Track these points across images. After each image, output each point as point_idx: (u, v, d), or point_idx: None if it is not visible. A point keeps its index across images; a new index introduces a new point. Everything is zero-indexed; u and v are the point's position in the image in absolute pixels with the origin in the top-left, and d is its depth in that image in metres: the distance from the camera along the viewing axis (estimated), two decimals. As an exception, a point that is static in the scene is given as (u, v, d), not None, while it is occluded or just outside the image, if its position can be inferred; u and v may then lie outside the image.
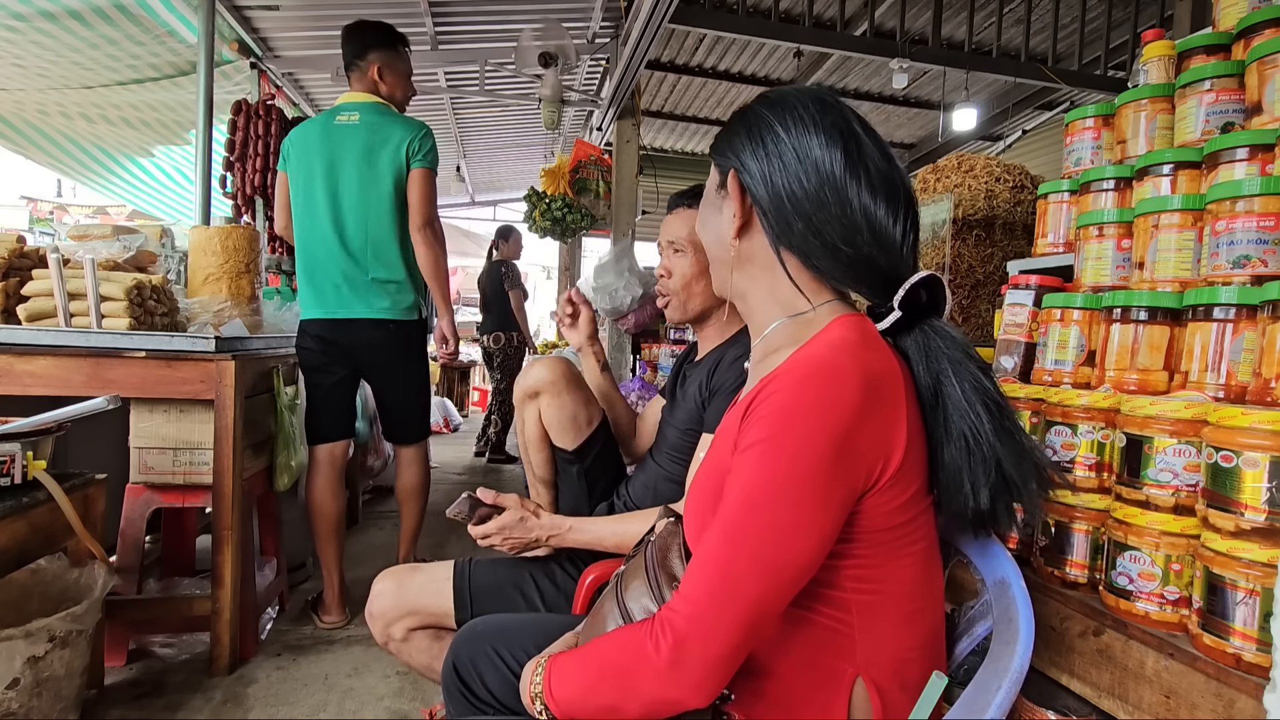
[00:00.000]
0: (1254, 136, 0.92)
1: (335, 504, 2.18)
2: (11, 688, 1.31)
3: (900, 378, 0.72)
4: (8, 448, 1.46)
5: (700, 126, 6.91)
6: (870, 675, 0.72)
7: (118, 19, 2.96)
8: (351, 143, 2.11)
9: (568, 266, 7.52)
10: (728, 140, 0.82)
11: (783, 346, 0.79)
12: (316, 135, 2.14)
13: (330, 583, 2.18)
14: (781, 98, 0.80)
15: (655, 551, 0.83)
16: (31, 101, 3.71)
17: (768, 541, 0.65)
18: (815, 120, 0.76)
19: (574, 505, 1.46)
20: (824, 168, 0.75)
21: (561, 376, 1.41)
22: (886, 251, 0.75)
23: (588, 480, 1.45)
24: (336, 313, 2.14)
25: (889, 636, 0.73)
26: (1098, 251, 1.09)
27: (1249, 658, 0.71)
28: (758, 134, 0.79)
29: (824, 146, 0.75)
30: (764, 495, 0.66)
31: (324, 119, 2.18)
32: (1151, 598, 0.82)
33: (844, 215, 0.74)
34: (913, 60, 3.98)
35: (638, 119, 4.17)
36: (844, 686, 0.72)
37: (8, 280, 1.84)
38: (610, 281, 3.30)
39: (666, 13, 2.76)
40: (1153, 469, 0.83)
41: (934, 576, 0.78)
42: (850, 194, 0.74)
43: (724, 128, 0.85)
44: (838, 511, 0.67)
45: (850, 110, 0.79)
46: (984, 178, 3.31)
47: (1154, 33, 1.24)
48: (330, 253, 2.13)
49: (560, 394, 1.41)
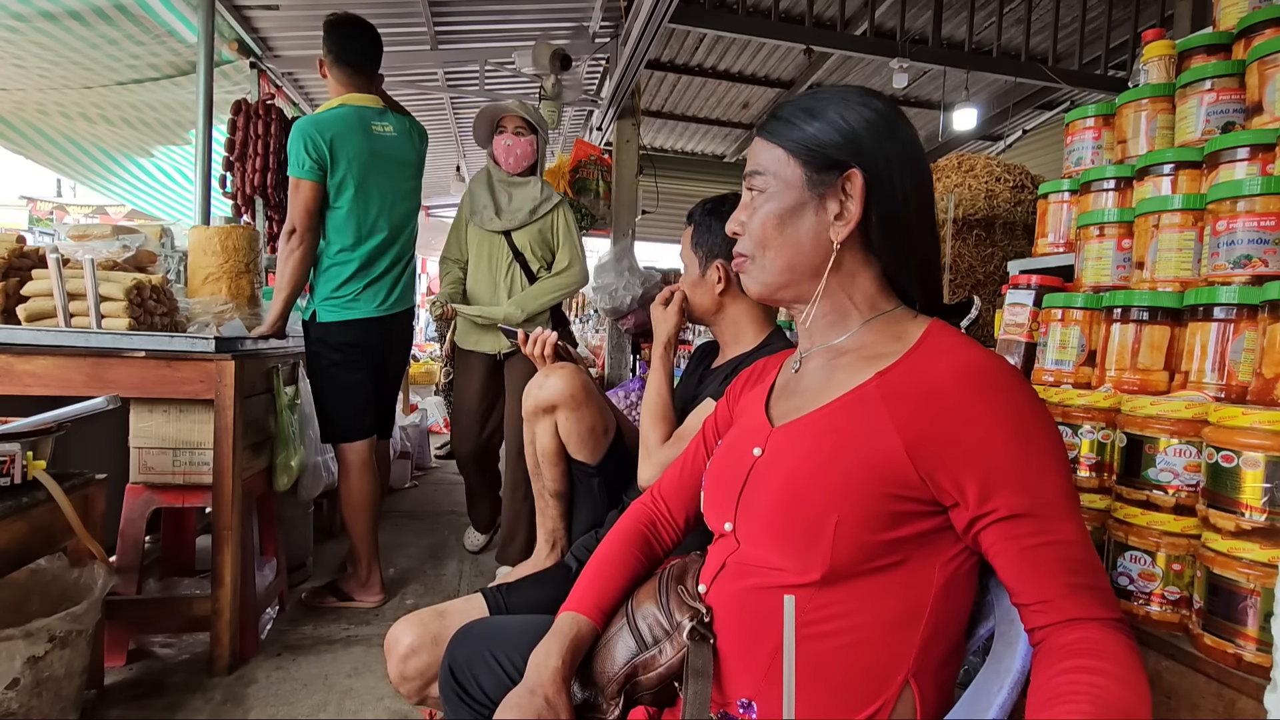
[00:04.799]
0: (1254, 136, 0.92)
1: (376, 491, 2.34)
2: (11, 688, 1.31)
3: None
4: (8, 448, 1.46)
5: (700, 126, 6.91)
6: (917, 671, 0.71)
7: (118, 19, 2.96)
8: (393, 152, 2.27)
9: (568, 266, 7.52)
10: (833, 132, 0.77)
11: (874, 345, 0.78)
12: (363, 143, 2.18)
13: (370, 564, 2.32)
14: (878, 95, 0.80)
15: (672, 570, 0.83)
16: (31, 101, 3.71)
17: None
18: (914, 135, 0.80)
19: (591, 516, 1.43)
20: (929, 185, 0.80)
21: (581, 389, 1.36)
22: (937, 266, 0.83)
23: (608, 491, 1.42)
24: (395, 308, 2.33)
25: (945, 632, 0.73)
26: (1098, 251, 1.09)
27: (1250, 658, 0.71)
28: (880, 133, 0.77)
29: (927, 163, 0.80)
30: (1071, 488, 0.68)
31: (360, 124, 2.18)
32: (1152, 598, 0.82)
33: (930, 233, 0.81)
34: (913, 60, 3.98)
35: (638, 119, 4.17)
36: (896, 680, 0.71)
37: (7, 280, 1.84)
38: (610, 281, 3.29)
39: (666, 13, 2.76)
40: (1153, 469, 0.83)
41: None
42: (934, 212, 0.81)
43: (807, 114, 0.79)
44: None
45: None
46: (984, 178, 3.31)
47: (1154, 33, 1.24)
48: (394, 254, 2.32)
49: (579, 407, 1.36)
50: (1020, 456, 0.66)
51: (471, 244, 2.64)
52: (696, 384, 1.45)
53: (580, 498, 1.46)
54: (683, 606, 0.79)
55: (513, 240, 2.58)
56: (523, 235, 2.58)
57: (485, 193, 2.60)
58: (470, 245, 2.65)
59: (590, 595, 0.89)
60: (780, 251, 0.80)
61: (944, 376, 0.70)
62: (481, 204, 2.59)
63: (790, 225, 0.79)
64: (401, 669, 1.04)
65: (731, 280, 1.34)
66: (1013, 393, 0.68)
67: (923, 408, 0.70)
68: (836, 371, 0.79)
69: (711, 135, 7.19)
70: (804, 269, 0.80)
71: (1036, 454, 0.66)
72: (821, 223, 0.78)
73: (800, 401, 0.82)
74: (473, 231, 2.63)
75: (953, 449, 0.67)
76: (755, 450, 0.82)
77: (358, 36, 2.22)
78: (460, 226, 2.68)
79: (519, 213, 2.58)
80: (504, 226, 2.57)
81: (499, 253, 2.60)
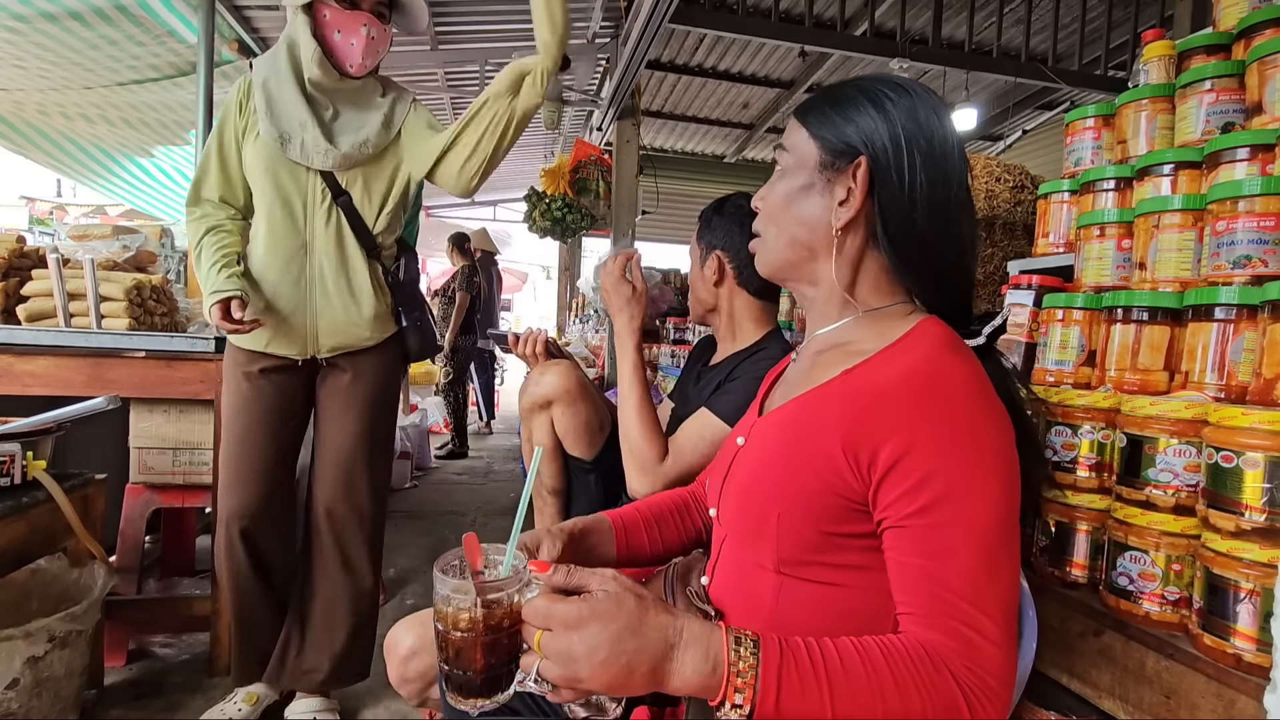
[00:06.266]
0: (1254, 136, 0.92)
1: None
2: (11, 688, 1.31)
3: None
4: (8, 448, 1.46)
5: (700, 126, 6.91)
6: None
7: (118, 19, 2.96)
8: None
9: (568, 266, 7.53)
10: (851, 119, 0.76)
11: (860, 340, 0.77)
12: None
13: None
14: (915, 93, 0.76)
15: (677, 569, 0.84)
16: (31, 102, 3.71)
17: (1016, 546, 0.65)
18: (954, 136, 0.75)
19: (588, 513, 1.42)
20: (955, 188, 0.74)
21: (576, 384, 1.37)
22: (967, 276, 0.78)
23: (605, 487, 1.42)
24: None
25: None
26: (1098, 251, 1.09)
27: (1249, 658, 0.71)
28: (896, 125, 0.74)
29: (958, 167, 0.75)
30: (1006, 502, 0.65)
31: None
32: (1152, 598, 0.82)
33: (950, 236, 0.75)
34: (913, 60, 3.98)
35: (638, 119, 4.17)
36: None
37: (8, 280, 1.84)
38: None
39: (666, 13, 2.76)
40: (1153, 469, 0.83)
41: None
42: (962, 217, 0.75)
43: (835, 100, 0.78)
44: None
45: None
46: (984, 178, 3.31)
47: (1154, 33, 1.24)
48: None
49: (575, 402, 1.37)
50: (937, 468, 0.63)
51: (259, 183, 1.57)
52: (695, 381, 1.45)
53: (577, 494, 1.47)
54: (690, 609, 0.79)
55: (336, 181, 1.59)
56: (357, 175, 1.60)
57: (298, 103, 1.53)
58: (257, 185, 1.58)
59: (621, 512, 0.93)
60: (784, 228, 0.81)
61: (894, 377, 0.68)
62: (292, 120, 1.54)
63: (797, 204, 0.79)
64: (402, 671, 1.03)
65: (728, 274, 1.35)
66: (954, 404, 0.65)
67: (864, 407, 0.68)
68: (817, 366, 0.79)
69: (711, 135, 7.19)
70: (805, 250, 0.79)
71: (958, 469, 0.63)
72: (826, 207, 0.77)
73: (784, 393, 0.84)
74: (259, 161, 1.56)
75: (879, 446, 0.66)
76: (739, 440, 0.84)
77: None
78: (228, 150, 1.60)
79: (358, 142, 1.57)
80: (331, 163, 1.55)
81: (312, 200, 1.58)
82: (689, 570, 0.83)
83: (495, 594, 0.61)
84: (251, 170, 1.58)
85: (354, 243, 1.60)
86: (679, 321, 3.40)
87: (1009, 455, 0.66)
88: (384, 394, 1.68)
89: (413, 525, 3.27)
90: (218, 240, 1.55)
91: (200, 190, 1.60)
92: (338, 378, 1.65)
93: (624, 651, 0.57)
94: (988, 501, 0.63)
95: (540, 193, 4.22)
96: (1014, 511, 0.65)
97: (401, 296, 1.70)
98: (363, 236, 1.61)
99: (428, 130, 1.65)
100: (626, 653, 0.57)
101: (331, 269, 1.59)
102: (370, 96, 1.62)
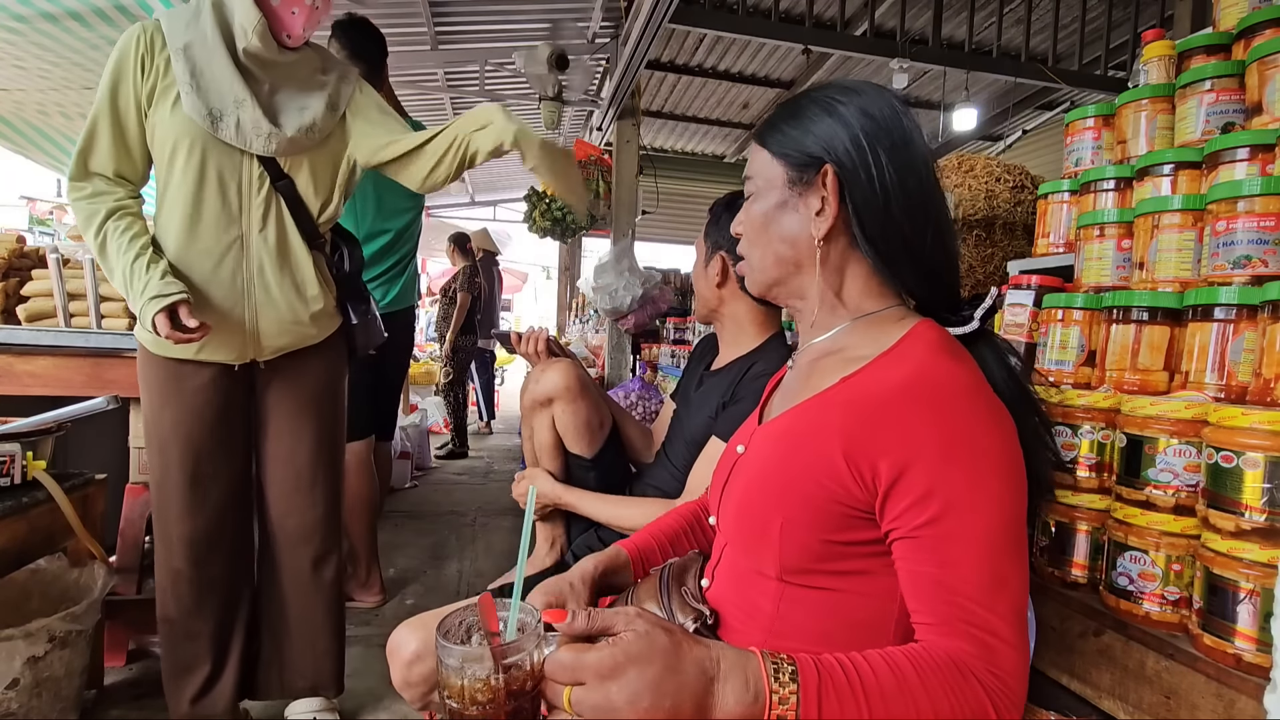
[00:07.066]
0: (1254, 136, 0.92)
1: (374, 491, 2.37)
2: (11, 688, 1.31)
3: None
4: (8, 448, 1.46)
5: (700, 126, 6.91)
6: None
7: (118, 20, 2.96)
8: None
9: (568, 266, 7.53)
10: (809, 131, 0.77)
11: (855, 346, 0.77)
12: None
13: (370, 564, 2.36)
14: (863, 91, 0.77)
15: (672, 569, 0.83)
16: (31, 102, 3.71)
17: (1024, 545, 0.66)
18: (910, 123, 0.76)
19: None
20: (923, 174, 0.75)
21: (577, 381, 1.38)
22: (950, 260, 0.79)
23: (604, 485, 1.42)
24: (395, 306, 2.35)
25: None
26: (1098, 251, 1.09)
27: (1249, 658, 0.71)
28: (854, 127, 0.75)
29: (921, 151, 0.75)
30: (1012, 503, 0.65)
31: None
32: (1152, 598, 0.82)
33: (929, 223, 0.76)
34: (913, 60, 3.98)
35: (638, 119, 4.16)
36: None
37: (8, 280, 1.84)
38: (610, 281, 3.30)
39: (666, 13, 2.76)
40: (1153, 469, 0.83)
41: None
42: (935, 202, 0.76)
43: (790, 116, 0.79)
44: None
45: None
46: (984, 178, 3.31)
47: (1154, 33, 1.24)
48: (397, 254, 2.36)
49: (575, 400, 1.37)
50: (943, 478, 0.64)
51: (178, 162, 1.36)
52: (697, 385, 1.44)
53: None
54: (685, 608, 0.79)
55: (277, 165, 1.42)
56: (302, 160, 1.44)
57: (231, 77, 1.35)
58: (173, 164, 1.37)
59: (635, 541, 0.94)
60: (768, 248, 0.82)
61: (895, 385, 0.68)
62: (225, 96, 1.35)
63: (774, 224, 0.80)
64: (406, 675, 1.00)
65: (731, 276, 1.35)
66: (955, 411, 0.66)
67: (866, 416, 0.68)
68: (814, 374, 0.79)
69: (711, 135, 7.20)
70: (791, 265, 0.80)
71: (963, 477, 0.64)
72: (804, 220, 0.78)
73: (783, 402, 0.84)
74: (178, 135, 1.35)
75: (881, 459, 0.66)
76: (739, 448, 0.85)
77: (372, 38, 2.22)
78: (125, 115, 1.38)
79: (304, 126, 1.41)
80: (274, 148, 1.39)
81: (248, 186, 1.40)
82: (684, 570, 0.83)
83: (516, 655, 0.54)
84: (163, 144, 1.36)
85: (296, 233, 1.43)
86: (679, 321, 3.41)
87: (1012, 454, 0.67)
88: (332, 395, 1.59)
89: (413, 525, 3.27)
90: (127, 227, 1.34)
91: (87, 162, 1.36)
92: (281, 381, 1.50)
93: (666, 694, 0.53)
94: (994, 505, 0.64)
95: (540, 193, 4.22)
96: (1021, 511, 0.66)
97: (347, 289, 1.58)
98: (305, 225, 1.45)
99: (379, 115, 1.50)
100: (669, 694, 0.53)
101: (272, 263, 1.41)
102: (310, 72, 1.44)
